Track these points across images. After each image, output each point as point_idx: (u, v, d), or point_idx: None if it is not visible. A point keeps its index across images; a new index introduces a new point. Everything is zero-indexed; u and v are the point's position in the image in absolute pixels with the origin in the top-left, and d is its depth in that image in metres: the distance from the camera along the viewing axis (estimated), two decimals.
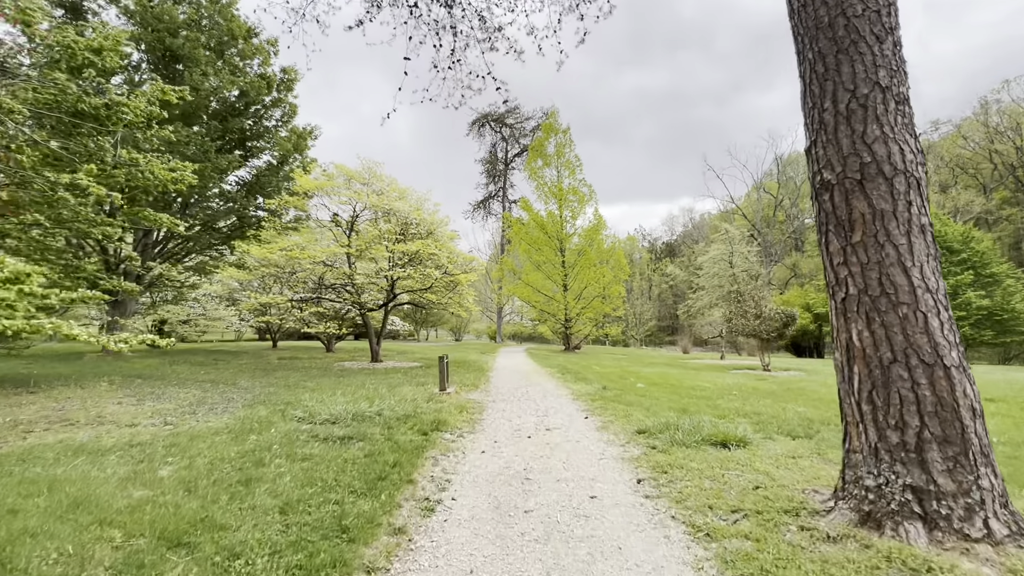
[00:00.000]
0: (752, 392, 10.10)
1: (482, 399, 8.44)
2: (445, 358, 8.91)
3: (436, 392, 8.64)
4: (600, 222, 27.79)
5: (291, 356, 17.75)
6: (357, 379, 10.76)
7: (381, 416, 6.05)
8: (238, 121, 16.58)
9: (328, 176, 13.51)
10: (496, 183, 42.18)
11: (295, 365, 14.18)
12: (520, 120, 40.08)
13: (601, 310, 27.89)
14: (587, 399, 8.41)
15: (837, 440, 5.31)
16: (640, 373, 13.74)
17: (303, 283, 12.98)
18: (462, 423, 6.22)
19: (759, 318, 15.13)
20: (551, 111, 28.92)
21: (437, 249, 11.93)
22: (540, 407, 7.66)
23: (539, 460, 4.60)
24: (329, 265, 13.61)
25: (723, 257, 43.86)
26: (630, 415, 6.69)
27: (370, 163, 13.66)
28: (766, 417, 6.86)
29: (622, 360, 21.63)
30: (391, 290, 13.45)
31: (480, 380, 11.24)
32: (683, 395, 9.26)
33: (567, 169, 28.40)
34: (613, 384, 10.64)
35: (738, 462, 4.39)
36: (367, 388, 8.84)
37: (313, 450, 4.55)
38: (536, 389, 9.95)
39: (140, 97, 9.02)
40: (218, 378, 10.61)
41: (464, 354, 21.28)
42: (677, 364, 19.34)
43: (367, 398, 7.46)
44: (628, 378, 12.24)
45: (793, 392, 10.17)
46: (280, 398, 7.77)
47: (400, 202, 13.15)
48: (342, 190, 13.01)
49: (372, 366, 14.01)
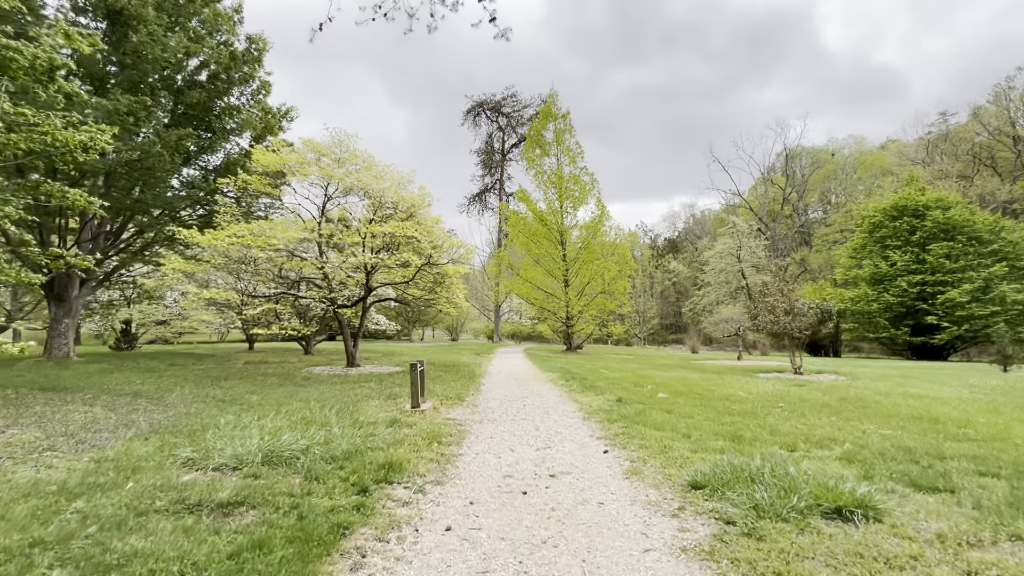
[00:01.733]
0: (801, 404, 8.20)
1: (466, 419, 6.53)
2: (419, 366, 6.99)
3: (407, 409, 6.73)
4: (603, 212, 25.87)
5: (260, 360, 15.82)
6: (317, 391, 8.84)
7: (307, 455, 4.14)
8: (196, 94, 14.63)
9: (294, 152, 11.56)
10: (493, 175, 40.17)
11: (256, 371, 12.26)
12: (517, 108, 38.08)
13: (605, 307, 25.98)
14: (601, 418, 6.51)
15: (995, 497, 3.41)
16: (656, 378, 11.84)
17: (259, 275, 11.04)
18: (428, 465, 4.30)
19: (790, 313, 13.23)
20: (551, 94, 26.98)
21: (417, 232, 10.00)
22: (541, 432, 5.75)
23: (540, 551, 2.69)
24: (297, 256, 11.68)
25: (731, 251, 42.02)
26: (668, 448, 4.78)
27: (342, 135, 11.73)
28: (852, 448, 4.96)
29: (630, 362, 19.72)
30: (366, 283, 11.52)
31: (468, 390, 9.32)
32: (720, 410, 7.36)
33: (567, 156, 26.47)
34: (629, 394, 8.73)
35: (894, 562, 2.48)
36: (319, 405, 6.91)
37: (145, 543, 2.62)
38: (535, 402, 8.03)
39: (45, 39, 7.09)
40: (148, 390, 8.68)
41: (456, 356, 19.36)
42: (692, 366, 17.44)
43: (307, 421, 5.53)
44: (644, 385, 10.34)
45: (851, 404, 8.27)
46: (195, 422, 5.85)
47: (377, 181, 11.22)
48: (310, 168, 11.06)
49: (346, 372, 12.09)
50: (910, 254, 26.93)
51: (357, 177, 10.65)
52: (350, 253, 10.43)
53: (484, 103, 38.30)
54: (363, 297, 11.94)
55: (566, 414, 6.93)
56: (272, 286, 11.65)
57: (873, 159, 54.41)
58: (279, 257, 10.73)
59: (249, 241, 9.75)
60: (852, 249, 30.51)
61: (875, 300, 26.56)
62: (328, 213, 12.65)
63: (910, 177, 30.82)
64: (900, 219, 27.77)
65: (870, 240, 29.16)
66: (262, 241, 9.87)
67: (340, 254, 11.02)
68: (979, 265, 25.11)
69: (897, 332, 26.29)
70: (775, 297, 13.63)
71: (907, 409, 7.59)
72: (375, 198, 10.80)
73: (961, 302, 24.08)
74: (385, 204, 10.96)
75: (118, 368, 12.31)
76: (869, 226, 29.29)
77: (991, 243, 25.64)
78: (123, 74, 13.50)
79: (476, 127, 39.37)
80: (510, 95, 38.05)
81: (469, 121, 39.17)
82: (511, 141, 38.76)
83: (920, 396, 9.37)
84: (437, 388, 9.22)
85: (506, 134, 38.93)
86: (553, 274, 26.67)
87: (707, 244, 55.89)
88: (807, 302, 13.13)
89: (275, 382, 10.31)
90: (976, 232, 25.87)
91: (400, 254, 10.06)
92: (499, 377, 12.08)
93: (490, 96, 38.36)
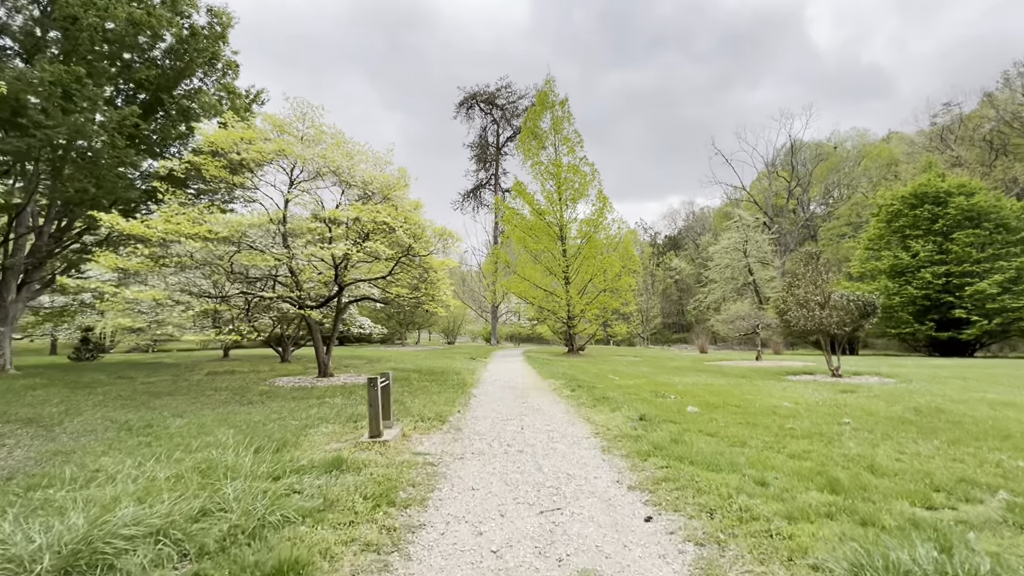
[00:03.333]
0: (870, 418, 6.51)
1: (442, 452, 4.81)
2: (382, 380, 5.27)
3: (364, 440, 5.00)
4: (605, 204, 24.16)
5: (226, 370, 14.07)
6: (263, 411, 7.11)
7: (147, 549, 2.41)
8: (147, 72, 12.91)
9: (249, 127, 9.83)
10: (488, 170, 38.36)
11: (210, 385, 10.52)
12: (512, 99, 36.30)
13: (609, 305, 24.27)
14: (627, 448, 4.79)
15: None
16: (676, 385, 10.13)
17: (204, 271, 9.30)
18: (359, 559, 2.58)
19: (825, 307, 11.54)
20: (547, 79, 25.32)
21: (390, 218, 8.27)
22: (545, 475, 4.04)
23: None
24: (255, 249, 9.94)
25: (736, 246, 40.32)
26: (747, 512, 3.06)
27: (305, 107, 10.00)
28: (1016, 499, 3.27)
29: (639, 364, 18.01)
30: (336, 279, 9.79)
31: (454, 405, 7.60)
32: (776, 430, 5.66)
33: (566, 146, 24.78)
34: (652, 409, 7.02)
35: None
36: (247, 436, 5.18)
37: None
38: (536, 423, 6.31)
39: None
40: (50, 413, 6.93)
41: (448, 361, 17.64)
42: (709, 369, 15.73)
43: (206, 468, 3.80)
44: (665, 394, 8.62)
45: (934, 418, 6.57)
46: (54, 468, 4.13)
47: (347, 160, 9.51)
48: (267, 145, 9.33)
49: (314, 383, 10.35)
50: (933, 244, 25.29)
51: (320, 153, 8.94)
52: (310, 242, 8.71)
53: (477, 95, 36.56)
54: (333, 296, 10.22)
55: (578, 442, 5.21)
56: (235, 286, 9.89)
57: (878, 150, 52.95)
58: (223, 248, 8.98)
59: (184, 229, 8.01)
60: (868, 240, 28.84)
61: (896, 293, 24.91)
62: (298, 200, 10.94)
63: (928, 163, 29.20)
64: (920, 207, 26.12)
65: (888, 230, 27.51)
66: (201, 229, 8.13)
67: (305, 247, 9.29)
68: (1008, 254, 23.46)
69: (921, 327, 24.62)
70: (807, 288, 11.93)
71: (1017, 425, 5.90)
72: (343, 178, 9.08)
73: (992, 294, 22.42)
74: (355, 185, 9.24)
75: (50, 383, 10.55)
76: (887, 215, 27.64)
77: (1021, 230, 23.99)
78: (60, 44, 11.82)
79: (469, 120, 37.63)
80: (504, 86, 36.35)
81: (462, 114, 37.43)
82: (506, 134, 37.06)
83: (1008, 403, 7.68)
84: (416, 404, 7.50)
85: (501, 127, 37.22)
86: (553, 271, 24.96)
87: (710, 240, 54.28)
88: (845, 294, 11.43)
89: (223, 399, 8.57)
90: (1004, 219, 24.22)
91: (371, 243, 8.32)
92: (493, 387, 10.37)
93: (483, 87, 36.64)
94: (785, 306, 12.39)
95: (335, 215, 8.38)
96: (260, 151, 8.80)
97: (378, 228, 8.74)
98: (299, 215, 11.93)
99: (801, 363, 17.39)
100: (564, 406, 7.66)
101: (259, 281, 10.57)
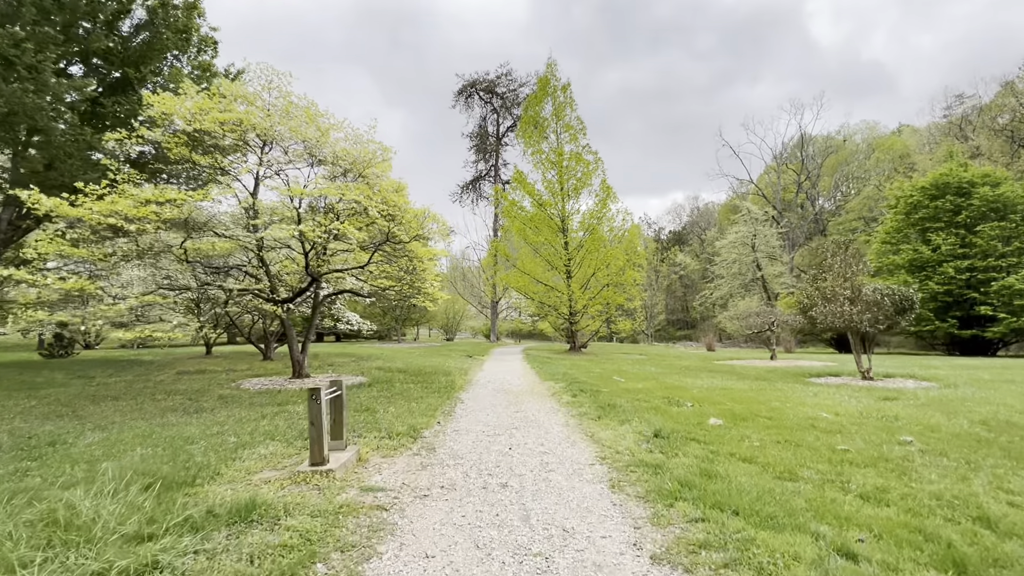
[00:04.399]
0: (932, 434, 5.35)
1: (401, 486, 3.68)
2: (329, 392, 4.14)
3: (303, 470, 3.87)
4: (609, 194, 22.91)
5: (200, 369, 13.02)
6: (206, 421, 6.00)
7: None
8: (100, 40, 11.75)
9: (208, 96, 8.66)
10: (487, 161, 37.06)
11: (170, 387, 9.45)
12: (512, 87, 34.89)
13: (613, 301, 23.08)
14: (644, 484, 3.65)
15: None
16: (690, 389, 8.97)
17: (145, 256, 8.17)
18: None
19: (855, 302, 10.36)
20: (548, 62, 24.02)
21: (362, 195, 7.10)
22: (534, 528, 2.89)
23: None
24: (217, 236, 8.81)
25: (744, 240, 38.98)
26: None
27: (271, 74, 8.84)
28: None
29: (645, 363, 16.86)
30: (307, 268, 8.66)
31: (433, 416, 6.47)
32: (827, 455, 4.51)
33: (568, 133, 23.49)
34: (667, 421, 5.87)
35: None
36: (163, 458, 4.06)
37: None
38: (528, 441, 5.17)
39: None
40: None
41: (442, 359, 16.53)
42: (721, 369, 14.57)
43: (51, 523, 2.68)
44: (680, 401, 7.47)
45: (1001, 431, 5.41)
46: None
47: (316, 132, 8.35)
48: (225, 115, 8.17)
49: (283, 386, 9.25)
50: (955, 237, 23.96)
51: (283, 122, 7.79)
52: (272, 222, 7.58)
53: (476, 83, 35.20)
54: (305, 289, 9.10)
55: (579, 471, 4.07)
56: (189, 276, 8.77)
57: (890, 142, 51.43)
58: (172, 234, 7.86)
59: (124, 210, 6.88)
60: (885, 233, 27.47)
61: (917, 289, 23.58)
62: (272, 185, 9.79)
63: (949, 152, 27.80)
64: (942, 198, 24.77)
65: (907, 223, 26.16)
66: (145, 211, 7.00)
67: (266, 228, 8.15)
68: None
69: (943, 324, 23.34)
70: (836, 282, 10.74)
71: None
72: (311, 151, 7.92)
73: (1020, 289, 21.12)
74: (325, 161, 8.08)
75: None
76: (905, 207, 26.27)
77: None
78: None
79: (468, 109, 36.26)
80: (504, 74, 34.96)
81: (461, 103, 36.08)
82: (506, 124, 35.70)
83: None
84: (388, 414, 6.38)
85: (501, 116, 35.85)
86: (554, 264, 23.76)
87: (716, 235, 52.90)
88: (878, 287, 10.23)
89: (171, 405, 7.48)
90: None
91: (339, 224, 7.16)
92: (485, 390, 9.24)
93: (483, 75, 35.26)
94: (810, 301, 11.19)
95: (297, 192, 7.21)
96: (216, 120, 7.65)
97: (350, 210, 7.59)
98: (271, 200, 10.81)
99: (820, 363, 16.20)
100: (563, 416, 6.53)
101: (222, 272, 9.45)
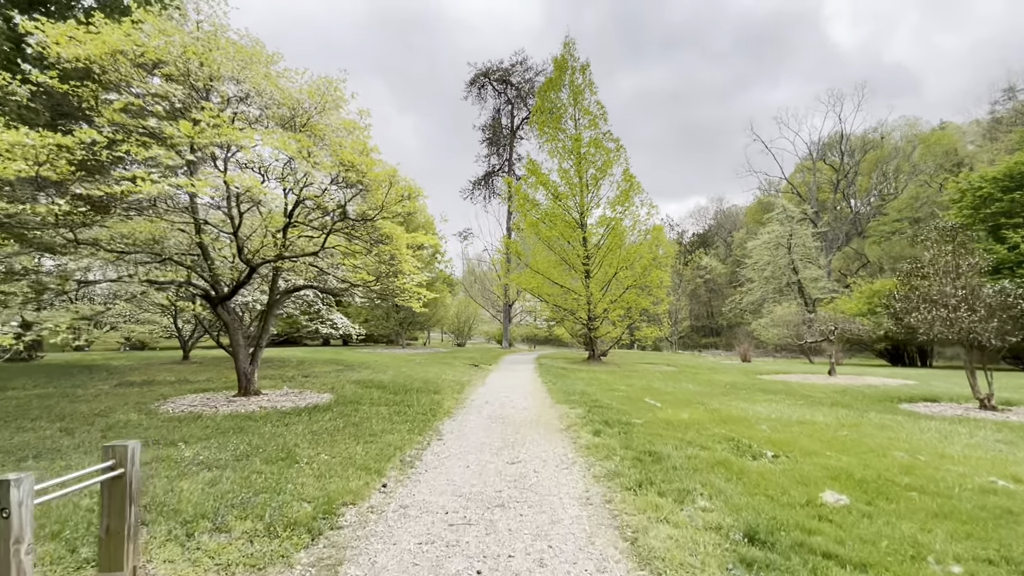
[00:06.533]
0: None
1: None
2: (122, 468, 1.94)
3: None
4: (632, 185, 20.48)
5: (146, 380, 11.09)
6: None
7: None
8: None
9: (127, 35, 6.66)
10: (501, 155, 34.92)
11: (80, 405, 7.45)
12: (529, 76, 32.72)
13: (637, 305, 20.58)
14: None
15: None
16: (755, 424, 6.52)
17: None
18: None
19: (974, 308, 7.74)
20: (566, 41, 21.78)
21: (297, 146, 4.95)
22: None
23: None
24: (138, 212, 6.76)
25: (779, 241, 35.85)
26: None
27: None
28: None
29: (677, 377, 14.33)
30: (240, 253, 6.56)
31: (381, 470, 4.22)
32: None
33: (587, 118, 21.16)
34: (752, 494, 3.49)
35: None
36: None
37: None
38: (517, 545, 2.85)
39: None
40: None
41: (440, 369, 14.32)
42: (774, 388, 11.97)
43: None
44: (750, 442, 5.03)
45: None
46: None
47: (238, 66, 6.22)
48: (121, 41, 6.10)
49: (221, 407, 7.13)
50: None
51: (191, 48, 5.70)
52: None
53: (489, 72, 33.13)
54: (243, 283, 7.00)
55: None
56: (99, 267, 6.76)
57: (936, 138, 47.57)
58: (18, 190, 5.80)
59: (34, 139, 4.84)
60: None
61: None
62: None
63: (1021, 138, 24.50)
64: (1018, 189, 21.60)
65: (975, 218, 23.00)
66: (50, 145, 4.95)
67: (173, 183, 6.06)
68: None
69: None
70: (944, 280, 8.14)
71: None
72: (228, 90, 5.83)
73: None
74: (257, 106, 5.98)
75: None
76: (973, 201, 23.12)
77: None
78: None
79: (481, 100, 34.21)
80: (519, 61, 32.77)
81: (473, 94, 34.04)
82: (521, 115, 33.48)
83: None
84: (314, 464, 4.17)
85: (515, 107, 33.67)
86: (571, 263, 21.39)
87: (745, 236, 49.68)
88: (1005, 288, 7.56)
89: (32, 439, 5.41)
90: None
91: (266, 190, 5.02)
92: (478, 417, 6.97)
93: (496, 64, 33.16)
94: (907, 304, 8.58)
95: (183, 128, 5.03)
96: (105, 43, 5.60)
97: (286, 167, 5.46)
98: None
99: (893, 380, 13.41)
100: (581, 477, 4.20)
101: (154, 264, 7.42)
